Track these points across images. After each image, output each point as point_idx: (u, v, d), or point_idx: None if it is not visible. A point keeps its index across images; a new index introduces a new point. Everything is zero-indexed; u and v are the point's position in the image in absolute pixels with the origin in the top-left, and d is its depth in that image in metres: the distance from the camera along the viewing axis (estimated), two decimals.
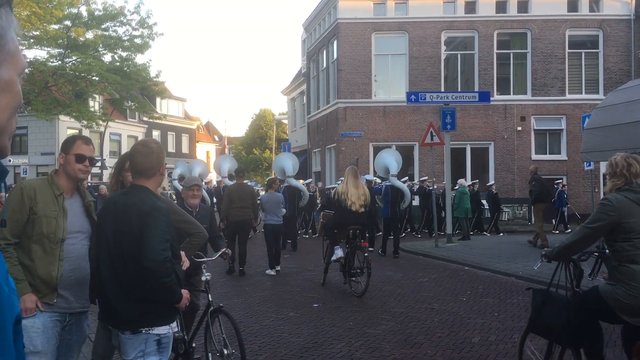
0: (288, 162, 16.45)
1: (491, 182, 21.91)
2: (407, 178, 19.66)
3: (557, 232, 19.62)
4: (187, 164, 21.46)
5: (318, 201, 19.65)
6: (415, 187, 19.84)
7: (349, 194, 9.23)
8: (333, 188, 16.22)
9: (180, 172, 20.54)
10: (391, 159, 15.10)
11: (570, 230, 19.49)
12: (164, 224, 3.13)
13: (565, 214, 20.53)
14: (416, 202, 19.69)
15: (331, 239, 9.78)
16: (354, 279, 9.32)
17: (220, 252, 5.71)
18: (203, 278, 5.23)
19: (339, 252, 8.86)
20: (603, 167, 23.48)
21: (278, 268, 11.67)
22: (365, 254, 9.16)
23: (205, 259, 5.38)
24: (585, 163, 19.13)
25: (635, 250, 3.71)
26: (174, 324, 3.29)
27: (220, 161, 19.97)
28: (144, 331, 3.11)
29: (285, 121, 46.49)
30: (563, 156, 24.44)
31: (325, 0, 26.23)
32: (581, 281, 4.23)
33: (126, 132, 44.40)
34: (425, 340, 6.51)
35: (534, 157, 24.30)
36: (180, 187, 17.40)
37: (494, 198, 20.08)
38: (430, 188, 17.18)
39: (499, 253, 13.49)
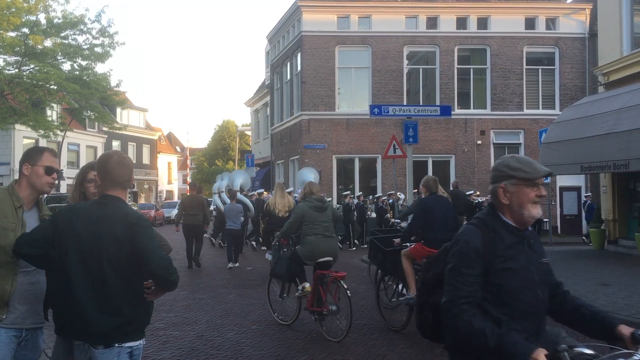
0: (238, 179, 18.80)
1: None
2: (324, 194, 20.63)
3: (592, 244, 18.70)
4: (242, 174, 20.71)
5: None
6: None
7: (277, 203, 11.78)
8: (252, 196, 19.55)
9: (242, 181, 19.50)
10: (310, 176, 17.88)
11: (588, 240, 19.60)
12: (152, 229, 3.20)
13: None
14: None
15: (266, 244, 12.73)
16: None
17: None
18: None
19: (268, 256, 10.35)
20: (560, 180, 24.17)
21: (237, 264, 14.31)
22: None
23: None
24: None
25: (307, 230, 7.44)
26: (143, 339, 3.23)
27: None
28: (116, 345, 3.04)
29: (249, 133, 46.35)
30: None
31: (290, 13, 26.36)
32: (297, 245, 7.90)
33: (85, 142, 43.54)
34: (388, 352, 6.53)
35: None
36: (246, 200, 17.23)
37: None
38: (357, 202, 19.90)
39: None
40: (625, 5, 15.69)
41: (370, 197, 22.37)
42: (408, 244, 7.58)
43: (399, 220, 11.76)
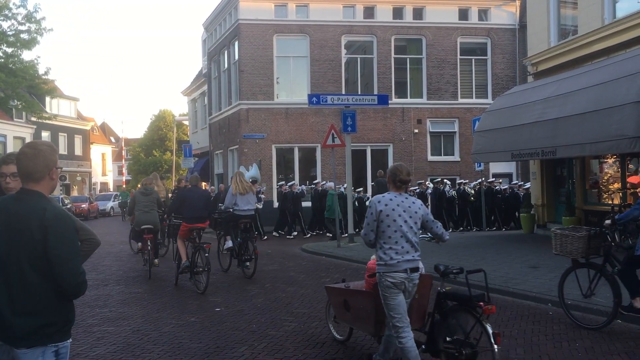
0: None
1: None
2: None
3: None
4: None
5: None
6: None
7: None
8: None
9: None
10: (244, 173, 19.44)
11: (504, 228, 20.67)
12: (73, 231, 2.97)
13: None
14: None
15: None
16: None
17: None
18: None
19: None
20: (492, 167, 24.98)
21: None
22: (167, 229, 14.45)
23: None
24: (475, 164, 20.25)
25: (136, 208, 11.53)
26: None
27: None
28: (40, 345, 2.91)
29: (186, 122, 45.46)
30: (456, 157, 25.71)
31: (226, 1, 25.94)
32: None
33: (12, 133, 41.57)
34: (327, 340, 6.59)
35: (430, 158, 25.37)
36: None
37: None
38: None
39: None
40: None
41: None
42: (176, 221, 11.96)
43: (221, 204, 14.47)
